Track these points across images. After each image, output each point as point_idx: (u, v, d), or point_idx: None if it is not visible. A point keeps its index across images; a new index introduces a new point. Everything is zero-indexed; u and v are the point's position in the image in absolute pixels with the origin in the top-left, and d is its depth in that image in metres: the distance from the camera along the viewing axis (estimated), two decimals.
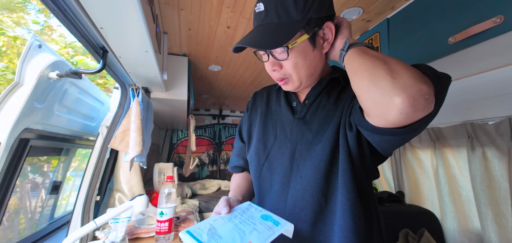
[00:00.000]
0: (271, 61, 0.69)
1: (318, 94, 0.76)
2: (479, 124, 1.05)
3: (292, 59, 0.66)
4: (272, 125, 0.81)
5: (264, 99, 0.90)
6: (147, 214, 1.54)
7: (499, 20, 0.84)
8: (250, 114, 0.90)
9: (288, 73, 0.69)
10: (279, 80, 0.72)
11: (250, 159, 0.84)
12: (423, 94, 0.46)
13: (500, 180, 1.01)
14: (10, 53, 1.22)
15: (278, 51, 0.66)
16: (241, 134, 0.94)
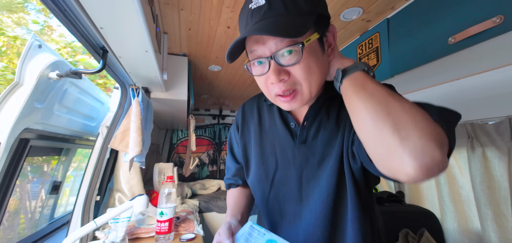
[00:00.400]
0: (276, 69, 0.55)
1: (317, 113, 0.67)
2: (479, 124, 1.05)
3: (305, 61, 0.54)
4: (270, 147, 0.73)
5: (254, 114, 0.80)
6: (147, 214, 1.54)
7: (499, 20, 0.84)
8: (242, 134, 0.81)
9: (298, 82, 0.56)
10: (284, 95, 0.57)
11: (252, 186, 0.79)
12: (437, 163, 0.40)
13: (500, 180, 1.01)
14: (10, 53, 1.22)
15: (286, 54, 0.54)
16: (234, 155, 0.86)
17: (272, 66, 0.55)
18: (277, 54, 0.55)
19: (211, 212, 2.38)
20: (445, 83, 1.05)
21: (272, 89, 0.59)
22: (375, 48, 1.36)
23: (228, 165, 0.89)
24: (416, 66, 1.12)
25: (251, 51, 0.58)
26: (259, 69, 0.59)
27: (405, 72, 1.18)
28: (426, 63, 1.08)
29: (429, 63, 1.07)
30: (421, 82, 1.13)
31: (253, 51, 0.57)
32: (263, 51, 0.56)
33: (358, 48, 1.52)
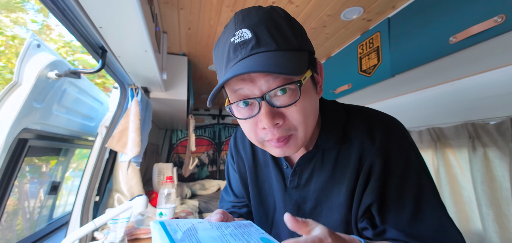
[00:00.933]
0: (270, 111, 0.47)
1: (309, 161, 0.61)
2: (481, 124, 1.04)
3: (302, 103, 0.48)
4: (267, 186, 0.69)
5: (247, 148, 0.73)
6: (146, 214, 1.54)
7: (500, 19, 0.84)
8: (238, 168, 0.75)
9: (294, 126, 0.49)
10: (278, 140, 0.49)
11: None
12: None
13: (501, 180, 1.00)
14: (8, 52, 1.22)
15: (279, 94, 0.47)
16: (233, 189, 0.80)
17: (265, 108, 0.46)
18: (269, 94, 0.47)
19: (211, 213, 2.37)
20: (446, 82, 1.05)
21: (263, 134, 0.50)
22: (376, 47, 1.36)
23: (224, 196, 0.83)
24: (417, 65, 1.12)
25: (234, 90, 0.49)
26: (246, 112, 0.50)
27: (406, 71, 1.18)
28: (427, 62, 1.07)
29: (430, 63, 1.07)
30: (422, 82, 1.12)
31: (238, 91, 0.49)
32: (251, 90, 0.47)
33: (358, 48, 1.52)
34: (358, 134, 0.56)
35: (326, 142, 0.58)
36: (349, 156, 0.57)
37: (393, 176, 0.53)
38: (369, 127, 0.56)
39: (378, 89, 1.38)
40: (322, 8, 1.29)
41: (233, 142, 0.77)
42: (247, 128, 0.52)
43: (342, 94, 1.66)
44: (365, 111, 0.61)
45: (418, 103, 1.32)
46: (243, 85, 0.48)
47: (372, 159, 0.53)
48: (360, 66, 1.49)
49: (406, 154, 0.54)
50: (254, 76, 0.46)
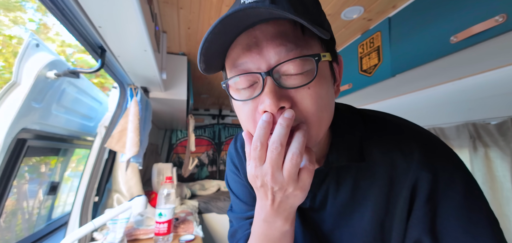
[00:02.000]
0: (275, 90, 0.37)
1: (323, 179, 0.50)
2: (482, 124, 1.04)
3: (317, 87, 0.38)
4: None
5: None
6: (146, 215, 1.53)
7: (501, 19, 0.83)
8: (244, 174, 0.62)
9: (303, 116, 0.38)
10: None
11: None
12: None
13: (502, 180, 1.00)
14: (6, 52, 1.21)
15: (291, 71, 0.37)
16: (244, 200, 0.65)
17: (270, 86, 0.37)
18: (278, 69, 0.38)
19: (211, 213, 2.37)
20: (447, 82, 1.04)
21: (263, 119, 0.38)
22: (377, 47, 1.35)
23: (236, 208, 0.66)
24: (418, 65, 1.11)
25: (235, 65, 0.40)
26: (246, 92, 0.40)
27: (406, 71, 1.17)
28: (428, 62, 1.07)
29: (431, 63, 1.07)
30: (423, 82, 1.12)
31: (240, 65, 0.39)
32: (256, 64, 0.38)
33: (359, 47, 1.51)
34: (386, 150, 0.46)
35: (338, 159, 0.47)
36: (373, 176, 0.46)
37: (451, 201, 0.40)
38: (401, 141, 0.45)
39: (378, 89, 1.37)
40: (322, 7, 1.28)
41: (234, 150, 0.65)
42: (245, 115, 0.41)
43: (342, 94, 1.66)
44: (392, 120, 0.50)
45: (418, 103, 1.31)
46: (248, 58, 0.39)
47: (411, 181, 0.43)
48: (360, 65, 1.49)
49: (462, 173, 0.42)
50: (263, 45, 0.38)
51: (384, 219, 0.45)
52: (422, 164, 0.42)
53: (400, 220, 0.44)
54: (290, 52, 0.37)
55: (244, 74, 0.39)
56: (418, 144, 0.44)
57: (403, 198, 0.43)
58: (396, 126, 0.48)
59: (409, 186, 0.43)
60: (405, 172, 0.43)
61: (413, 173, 0.43)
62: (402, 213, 0.44)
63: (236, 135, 0.70)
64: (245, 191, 0.64)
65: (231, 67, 0.41)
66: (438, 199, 0.41)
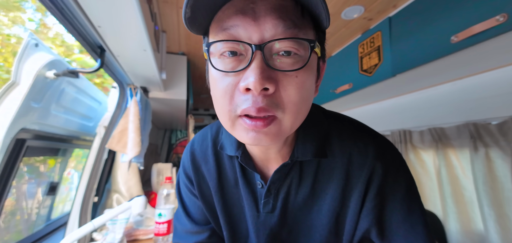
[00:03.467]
0: (263, 68, 0.33)
1: (286, 176, 0.49)
2: (482, 124, 1.04)
3: (304, 78, 0.36)
4: (237, 210, 0.54)
5: (211, 165, 0.55)
6: (146, 215, 1.53)
7: (502, 18, 0.83)
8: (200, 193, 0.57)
9: (283, 105, 0.36)
10: (258, 112, 0.34)
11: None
12: None
13: (503, 181, 1.00)
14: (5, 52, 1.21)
15: (282, 52, 0.35)
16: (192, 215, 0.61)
17: (258, 61, 0.33)
18: (270, 46, 0.34)
19: None
20: (447, 82, 1.04)
21: (241, 100, 0.35)
22: (377, 47, 1.35)
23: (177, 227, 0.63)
24: (418, 65, 1.11)
25: (223, 27, 0.35)
26: (230, 62, 0.36)
27: (407, 71, 1.17)
28: (429, 62, 1.07)
29: (431, 62, 1.06)
30: (423, 81, 1.12)
31: (229, 29, 0.35)
32: (248, 33, 0.34)
33: (359, 47, 1.51)
34: (344, 146, 0.48)
35: (304, 153, 0.46)
36: (331, 171, 0.48)
37: (396, 194, 0.45)
38: (357, 139, 0.48)
39: (379, 88, 1.37)
40: None
41: (190, 158, 0.57)
42: (222, 90, 0.36)
43: (342, 94, 1.66)
44: (349, 120, 0.53)
45: (419, 103, 1.31)
46: (241, 22, 0.34)
47: (365, 176, 0.46)
48: (361, 65, 1.48)
49: (405, 170, 0.47)
50: (261, 14, 0.34)
51: (339, 212, 0.48)
52: (376, 159, 0.46)
53: (353, 212, 0.47)
54: (288, 30, 0.34)
55: (232, 40, 0.35)
56: (373, 142, 0.48)
57: (358, 191, 0.46)
58: (352, 125, 0.51)
59: (364, 180, 0.46)
60: (361, 166, 0.46)
61: (368, 167, 0.46)
62: (356, 206, 0.46)
63: (192, 140, 0.61)
64: (194, 205, 0.60)
65: (218, 30, 0.36)
66: (386, 192, 0.45)
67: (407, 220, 0.44)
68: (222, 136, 0.55)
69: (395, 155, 0.48)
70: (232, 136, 0.50)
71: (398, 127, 1.48)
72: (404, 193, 0.45)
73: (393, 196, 0.45)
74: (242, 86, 0.34)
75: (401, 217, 0.44)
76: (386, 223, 0.45)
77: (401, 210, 0.44)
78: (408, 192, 0.45)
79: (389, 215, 0.45)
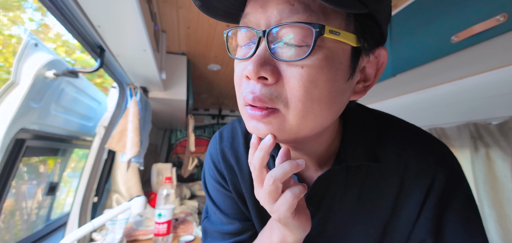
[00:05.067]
0: (263, 56, 0.32)
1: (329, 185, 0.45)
2: (483, 124, 1.04)
3: (313, 71, 0.31)
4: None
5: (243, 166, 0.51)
6: (145, 215, 1.52)
7: (502, 18, 0.83)
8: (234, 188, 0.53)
9: (284, 98, 0.32)
10: (255, 101, 0.33)
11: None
12: None
13: (504, 181, 1.00)
14: (6, 52, 1.20)
15: (286, 39, 0.31)
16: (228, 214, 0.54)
17: (260, 49, 0.32)
18: (275, 32, 0.32)
19: None
20: (448, 82, 1.04)
21: (244, 88, 0.35)
22: None
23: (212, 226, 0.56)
24: (419, 65, 1.11)
25: (243, 15, 0.36)
26: (244, 49, 0.36)
27: (407, 71, 1.17)
28: (429, 62, 1.07)
29: (431, 62, 1.06)
30: (423, 81, 1.11)
31: (245, 16, 0.35)
32: (257, 20, 0.33)
33: None
34: (399, 151, 0.43)
35: (353, 157, 0.42)
36: (382, 177, 0.43)
37: (457, 204, 0.41)
38: (414, 143, 0.44)
39: (379, 88, 1.37)
40: None
41: (220, 155, 0.53)
42: (236, 77, 0.37)
43: None
44: (403, 123, 0.48)
45: (419, 103, 1.31)
46: (251, 10, 0.34)
47: (425, 184, 0.42)
48: None
49: (465, 179, 0.43)
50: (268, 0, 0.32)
51: (389, 221, 0.44)
52: (437, 166, 0.42)
53: (406, 222, 0.43)
54: (295, 15, 0.30)
55: (242, 27, 0.35)
56: (432, 147, 0.44)
57: (415, 199, 0.42)
58: (407, 128, 0.47)
59: (423, 188, 0.42)
60: (419, 174, 0.42)
61: (428, 175, 0.42)
62: (411, 215, 0.42)
63: (220, 130, 0.57)
64: (230, 202, 0.54)
65: (242, 18, 0.36)
66: (447, 201, 0.41)
67: (467, 230, 0.40)
68: None
69: (456, 162, 0.44)
70: None
71: None
72: (464, 202, 0.42)
73: (453, 206, 0.41)
74: (245, 72, 0.33)
75: (460, 228, 0.41)
76: (445, 233, 0.41)
77: (461, 220, 0.41)
78: (468, 201, 0.42)
79: (448, 225, 0.41)
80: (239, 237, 0.53)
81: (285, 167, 0.33)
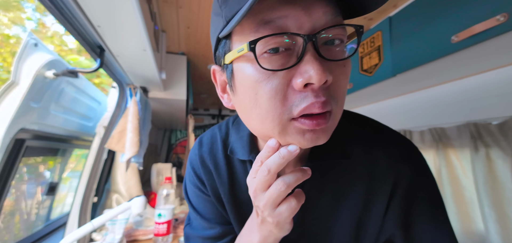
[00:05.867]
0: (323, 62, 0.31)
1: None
2: (483, 124, 1.04)
3: (349, 69, 0.35)
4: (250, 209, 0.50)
5: (222, 170, 0.52)
6: (145, 215, 1.52)
7: (503, 18, 0.83)
8: (213, 193, 0.53)
9: (335, 97, 0.33)
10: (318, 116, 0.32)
11: None
12: None
13: (504, 181, 0.99)
14: (4, 52, 1.21)
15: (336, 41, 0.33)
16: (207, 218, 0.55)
17: (314, 53, 0.30)
18: (320, 36, 0.31)
19: None
20: (448, 82, 1.04)
21: (298, 99, 0.31)
22: (377, 46, 1.35)
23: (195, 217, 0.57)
24: (419, 65, 1.11)
25: (267, 20, 0.31)
26: (279, 58, 0.31)
27: (407, 71, 1.17)
28: (429, 62, 1.06)
29: (432, 62, 1.06)
30: (423, 81, 1.11)
31: (275, 21, 0.31)
32: (298, 22, 0.31)
33: (359, 47, 1.51)
34: (368, 148, 0.45)
35: (325, 154, 0.44)
36: (353, 174, 0.45)
37: (423, 197, 0.43)
38: (381, 140, 0.46)
39: (379, 88, 1.37)
40: None
41: (200, 161, 0.54)
42: (271, 91, 0.32)
43: None
44: (371, 121, 0.50)
45: (419, 103, 1.31)
46: (289, 12, 0.30)
47: (391, 179, 0.44)
48: (361, 65, 1.48)
49: (430, 173, 0.45)
50: (308, 1, 0.30)
51: (361, 216, 0.45)
52: (403, 162, 0.44)
53: (377, 216, 0.44)
54: (336, 17, 0.32)
55: (280, 34, 0.30)
56: (398, 142, 0.46)
57: (383, 194, 0.44)
58: (375, 126, 0.49)
59: (390, 183, 0.44)
60: (386, 169, 0.44)
61: (395, 169, 0.44)
62: (381, 209, 0.44)
63: (200, 137, 0.58)
64: (210, 207, 0.55)
65: (259, 25, 0.31)
66: (413, 195, 0.43)
67: (432, 222, 0.43)
68: (231, 139, 0.52)
69: (421, 158, 0.46)
70: (243, 139, 0.48)
71: (398, 127, 1.47)
72: (430, 195, 0.44)
73: (420, 199, 0.43)
74: (299, 83, 0.30)
75: (427, 219, 0.43)
76: (412, 226, 0.43)
77: (427, 213, 0.43)
78: (434, 194, 0.44)
79: (415, 218, 0.43)
80: (220, 241, 0.54)
81: (298, 175, 0.35)
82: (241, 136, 0.49)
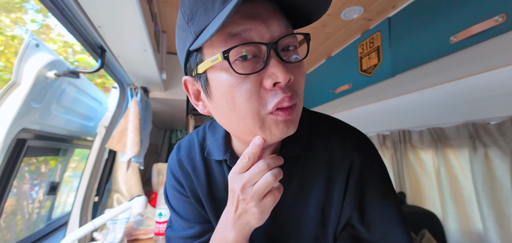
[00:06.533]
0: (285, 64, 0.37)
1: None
2: (481, 124, 1.04)
3: (303, 65, 0.42)
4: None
5: (199, 171, 0.55)
6: (146, 215, 1.53)
7: (501, 19, 0.83)
8: (192, 194, 0.56)
9: (298, 92, 0.40)
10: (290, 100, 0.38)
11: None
12: None
13: (502, 180, 1.00)
14: (8, 52, 1.21)
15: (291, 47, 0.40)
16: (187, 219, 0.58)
17: (277, 57, 0.36)
18: (280, 42, 0.38)
19: None
20: (447, 82, 1.04)
21: (271, 96, 0.37)
22: (376, 47, 1.35)
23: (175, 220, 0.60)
24: (418, 65, 1.11)
25: (233, 33, 0.36)
26: (248, 65, 0.37)
27: (406, 71, 1.17)
28: (428, 62, 1.07)
29: (430, 62, 1.07)
30: (422, 82, 1.12)
31: (240, 34, 0.36)
32: (260, 33, 0.36)
33: (359, 47, 1.51)
34: (326, 141, 0.51)
35: (292, 149, 0.48)
36: (315, 165, 0.50)
37: (373, 181, 0.49)
38: (336, 134, 0.52)
39: (378, 89, 1.37)
40: None
41: (178, 165, 0.57)
42: (246, 92, 0.37)
43: (342, 94, 1.66)
44: (328, 118, 0.56)
45: (418, 103, 1.31)
46: (252, 26, 0.36)
47: (346, 167, 0.49)
48: (360, 65, 1.49)
49: (379, 159, 0.51)
50: (266, 17, 0.37)
51: (325, 203, 0.50)
52: (354, 150, 0.49)
53: (337, 202, 0.49)
54: (287, 28, 0.39)
55: (249, 43, 0.36)
56: (350, 136, 0.52)
57: (340, 181, 0.49)
58: (331, 122, 0.55)
59: (345, 171, 0.49)
60: (342, 159, 0.49)
61: (348, 159, 0.49)
62: (340, 195, 0.49)
63: (178, 143, 0.62)
64: (189, 207, 0.58)
65: (227, 37, 0.36)
66: (364, 180, 0.49)
67: (382, 203, 0.48)
68: (208, 142, 0.56)
69: (370, 146, 0.52)
70: (218, 140, 0.52)
71: (397, 127, 1.48)
72: (379, 179, 0.49)
73: (370, 183, 0.49)
74: (269, 82, 0.37)
75: (377, 201, 0.48)
76: (365, 207, 0.48)
77: (377, 194, 0.48)
78: (383, 178, 0.50)
79: (367, 199, 0.48)
80: (200, 239, 0.56)
81: (276, 160, 0.41)
82: (216, 138, 0.53)
